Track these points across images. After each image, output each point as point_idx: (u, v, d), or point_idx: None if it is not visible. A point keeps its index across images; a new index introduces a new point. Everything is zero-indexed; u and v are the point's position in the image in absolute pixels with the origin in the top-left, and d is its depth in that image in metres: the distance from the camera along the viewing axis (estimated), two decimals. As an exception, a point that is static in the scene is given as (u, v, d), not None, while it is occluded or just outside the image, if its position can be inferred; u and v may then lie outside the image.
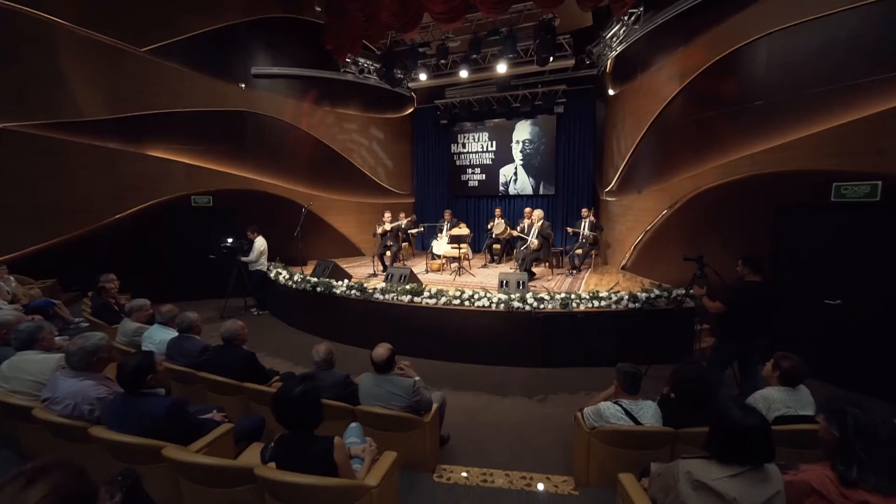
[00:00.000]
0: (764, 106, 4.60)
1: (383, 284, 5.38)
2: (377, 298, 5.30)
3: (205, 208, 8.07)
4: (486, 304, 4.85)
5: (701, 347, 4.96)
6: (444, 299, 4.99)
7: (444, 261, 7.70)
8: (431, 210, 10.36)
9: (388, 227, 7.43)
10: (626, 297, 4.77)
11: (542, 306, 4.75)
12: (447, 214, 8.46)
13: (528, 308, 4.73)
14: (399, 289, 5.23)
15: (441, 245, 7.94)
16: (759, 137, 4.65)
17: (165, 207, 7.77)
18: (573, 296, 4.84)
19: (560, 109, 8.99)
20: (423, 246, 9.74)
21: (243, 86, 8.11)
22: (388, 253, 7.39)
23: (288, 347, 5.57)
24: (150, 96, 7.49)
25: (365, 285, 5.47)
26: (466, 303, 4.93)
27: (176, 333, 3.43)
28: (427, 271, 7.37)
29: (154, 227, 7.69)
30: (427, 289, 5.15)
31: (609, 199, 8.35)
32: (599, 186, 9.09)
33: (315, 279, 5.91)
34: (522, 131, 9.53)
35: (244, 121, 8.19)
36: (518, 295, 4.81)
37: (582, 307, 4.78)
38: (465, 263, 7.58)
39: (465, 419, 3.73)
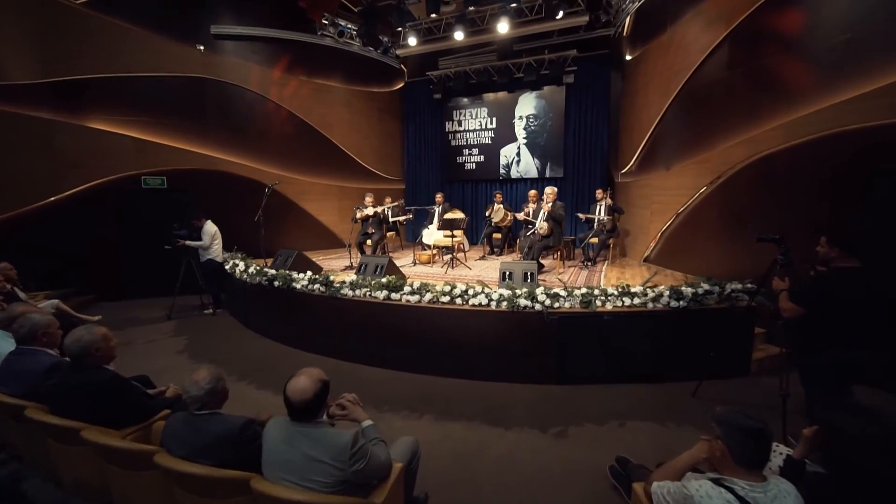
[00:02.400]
0: (851, 41, 3.46)
1: (353, 277, 4.25)
2: (345, 294, 4.18)
3: (158, 191, 6.94)
4: (484, 301, 3.73)
5: (758, 359, 3.87)
6: (429, 296, 3.87)
7: (434, 252, 6.57)
8: (423, 198, 9.21)
9: (369, 211, 6.30)
10: (668, 293, 3.64)
11: (556, 305, 3.63)
12: (439, 198, 7.33)
13: (538, 307, 3.60)
14: (373, 283, 4.10)
15: (432, 234, 6.82)
16: (842, 84, 3.51)
17: (111, 189, 6.63)
18: (597, 292, 3.71)
19: (570, 79, 7.84)
20: (414, 237, 8.62)
21: (202, 48, 6.97)
22: (369, 242, 6.25)
23: (240, 356, 4.45)
24: (89, 58, 6.36)
25: (332, 278, 4.34)
26: (458, 300, 3.81)
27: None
28: (414, 263, 6.24)
29: (98, 211, 6.56)
30: (409, 283, 4.03)
31: (627, 180, 7.22)
32: (614, 168, 7.97)
33: (273, 271, 4.78)
34: (526, 105, 8.38)
35: (203, 89, 7.06)
36: (525, 290, 3.69)
37: (609, 306, 3.66)
38: (461, 255, 6.46)
39: (453, 464, 2.61)
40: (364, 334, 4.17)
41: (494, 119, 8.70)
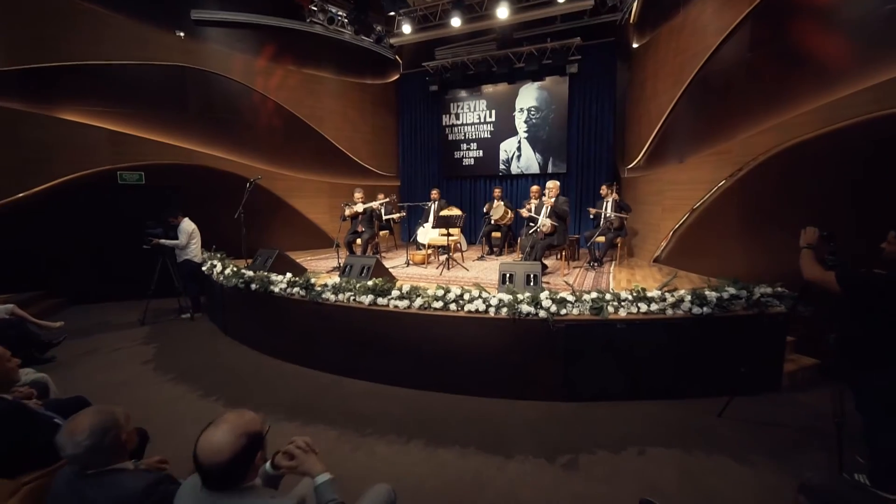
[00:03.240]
0: (897, 11, 3.04)
1: (336, 280, 3.82)
2: (327, 299, 3.75)
3: (135, 187, 6.51)
4: (482, 308, 3.30)
5: (789, 371, 3.44)
6: (419, 301, 3.44)
7: (429, 252, 6.14)
8: (420, 195, 8.77)
9: (358, 208, 5.87)
10: (689, 297, 3.21)
11: (563, 312, 3.20)
12: (434, 194, 6.91)
13: (542, 314, 3.17)
14: (358, 286, 3.67)
15: (427, 232, 6.39)
16: (888, 59, 3.09)
17: (84, 185, 6.20)
18: (608, 296, 3.28)
19: (574, 69, 7.41)
20: (409, 237, 8.19)
21: (182, 34, 6.54)
22: (359, 241, 5.82)
23: (212, 367, 4.02)
24: (61, 44, 5.94)
25: (313, 281, 3.91)
26: (452, 306, 3.38)
27: None
28: (408, 264, 5.81)
29: (70, 209, 6.13)
30: (398, 286, 3.60)
31: (635, 175, 6.79)
32: (621, 163, 7.54)
33: (250, 273, 4.36)
34: (527, 97, 7.95)
35: (184, 79, 6.62)
36: (528, 295, 3.26)
37: (622, 313, 3.23)
38: (457, 255, 6.04)
39: (443, 506, 2.18)
40: (348, 343, 3.74)
41: (494, 112, 8.27)
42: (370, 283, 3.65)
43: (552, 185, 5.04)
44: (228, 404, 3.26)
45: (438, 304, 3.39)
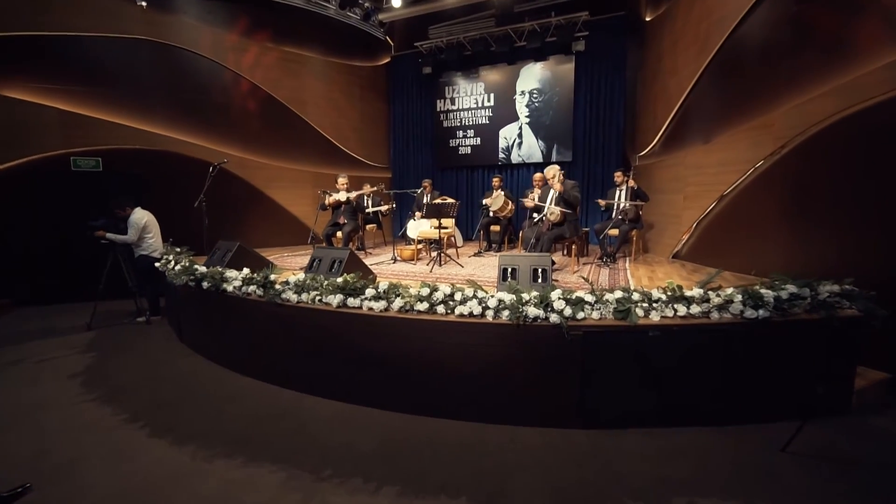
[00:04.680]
0: None
1: (300, 277, 3.13)
2: (288, 300, 3.06)
3: (92, 174, 5.81)
4: (476, 310, 2.62)
5: (858, 388, 2.76)
6: (399, 302, 2.75)
7: (420, 247, 5.46)
8: (412, 188, 8.08)
9: (340, 197, 5.18)
10: (741, 297, 2.53)
11: (581, 316, 2.51)
12: (426, 185, 6.23)
13: (554, 318, 2.49)
14: (325, 284, 2.98)
15: (418, 225, 5.71)
16: None
17: (32, 173, 5.49)
18: (637, 296, 2.60)
19: (580, 46, 6.74)
20: (401, 231, 7.51)
21: (144, 4, 5.84)
22: (339, 234, 5.13)
23: (152, 383, 3.32)
24: (4, 13, 5.23)
25: (273, 278, 3.22)
26: (440, 308, 2.70)
27: None
28: (394, 260, 5.12)
29: (15, 200, 5.42)
30: (374, 285, 2.91)
31: (649, 162, 6.13)
32: (631, 150, 6.88)
33: (203, 269, 3.66)
34: (529, 79, 7.28)
35: (146, 54, 5.93)
36: (536, 294, 2.58)
37: (655, 317, 2.54)
38: (452, 251, 5.36)
39: None
40: (312, 354, 3.05)
41: (492, 96, 7.59)
42: (339, 280, 2.96)
43: (554, 170, 4.34)
44: (154, 434, 2.56)
45: (423, 306, 2.71)
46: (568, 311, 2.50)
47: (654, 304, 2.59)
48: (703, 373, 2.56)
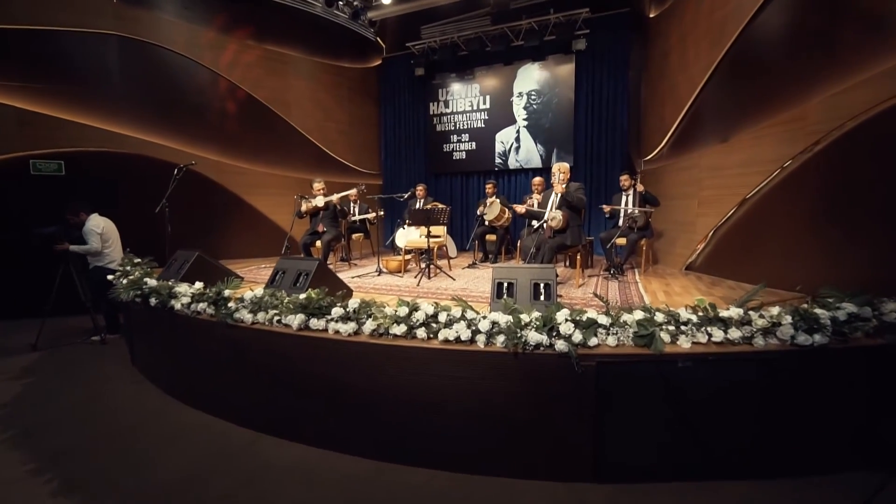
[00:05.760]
0: None
1: (256, 293, 2.64)
2: (241, 320, 2.57)
3: (53, 179, 5.33)
4: (465, 334, 2.13)
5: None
6: (370, 324, 2.26)
7: (408, 258, 4.98)
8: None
9: (318, 202, 4.72)
10: (791, 319, 2.04)
11: (593, 342, 2.02)
12: (420, 191, 5.79)
13: (561, 346, 2.00)
14: (285, 302, 2.49)
15: (407, 234, 5.24)
16: None
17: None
18: (660, 316, 2.12)
19: (581, 45, 6.36)
20: (388, 240, 7.03)
21: (114, -3, 5.45)
22: (318, 244, 4.65)
23: (81, 420, 2.80)
24: (-43, 3, 4.83)
25: (227, 293, 2.73)
26: (421, 332, 2.20)
27: None
28: (379, 273, 4.63)
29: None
30: (342, 303, 2.42)
31: (657, 166, 5.70)
32: (636, 154, 6.46)
33: (153, 282, 3.17)
34: (527, 79, 6.89)
35: (117, 51, 5.51)
36: (538, 315, 2.09)
37: (685, 344, 2.06)
38: (443, 263, 4.89)
39: None
40: (271, 386, 2.54)
41: (488, 98, 7.20)
42: (303, 296, 2.47)
43: (561, 168, 3.88)
44: (60, 491, 2.04)
45: (400, 329, 2.21)
46: (577, 337, 2.02)
47: (683, 328, 2.11)
48: (746, 412, 2.06)
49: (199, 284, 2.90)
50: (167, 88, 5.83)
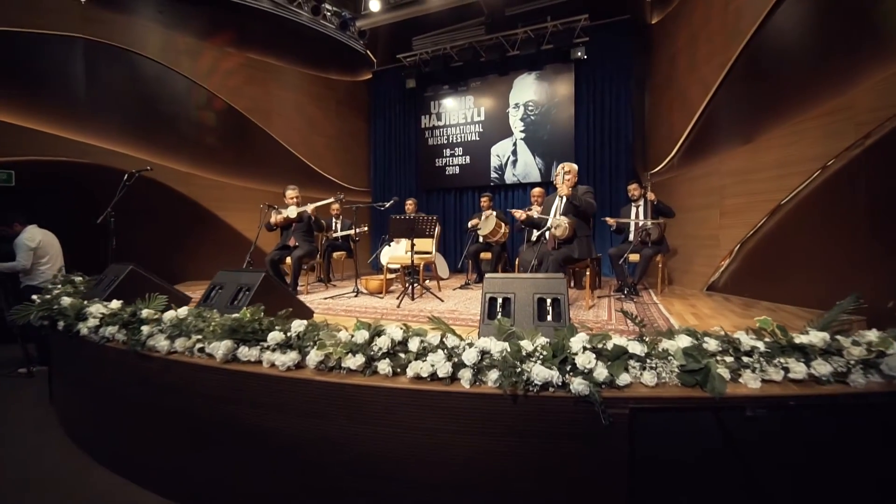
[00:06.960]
0: None
1: (179, 313, 2.05)
2: (156, 348, 1.96)
3: (2, 189, 4.81)
4: (443, 370, 1.52)
5: None
6: (316, 354, 1.65)
7: (392, 277, 4.40)
8: (395, 212, 7.12)
9: (290, 213, 4.18)
10: (900, 347, 1.46)
11: (623, 380, 1.42)
12: (409, 206, 5.29)
13: (578, 385, 1.39)
14: (211, 325, 1.89)
15: (393, 250, 4.69)
16: None
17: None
18: (713, 343, 1.53)
19: (580, 53, 6.02)
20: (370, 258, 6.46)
21: (82, -2, 5.10)
22: (289, 260, 4.08)
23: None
24: None
25: (145, 314, 2.13)
26: (383, 365, 1.59)
27: None
28: (356, 293, 4.03)
29: None
30: (283, 326, 1.82)
31: (666, 177, 5.23)
32: (642, 168, 6.02)
33: (68, 301, 2.57)
34: (524, 90, 6.53)
35: (80, 54, 5.11)
36: (543, 342, 1.50)
37: (753, 383, 1.45)
38: (433, 284, 4.31)
39: None
40: (192, 439, 1.91)
41: (482, 109, 6.81)
42: (235, 316, 1.87)
43: (566, 167, 3.35)
44: None
45: (355, 362, 1.61)
46: (601, 373, 1.42)
47: (747, 359, 1.51)
48: (845, 478, 1.44)
49: (115, 303, 2.30)
50: (137, 95, 5.41)
